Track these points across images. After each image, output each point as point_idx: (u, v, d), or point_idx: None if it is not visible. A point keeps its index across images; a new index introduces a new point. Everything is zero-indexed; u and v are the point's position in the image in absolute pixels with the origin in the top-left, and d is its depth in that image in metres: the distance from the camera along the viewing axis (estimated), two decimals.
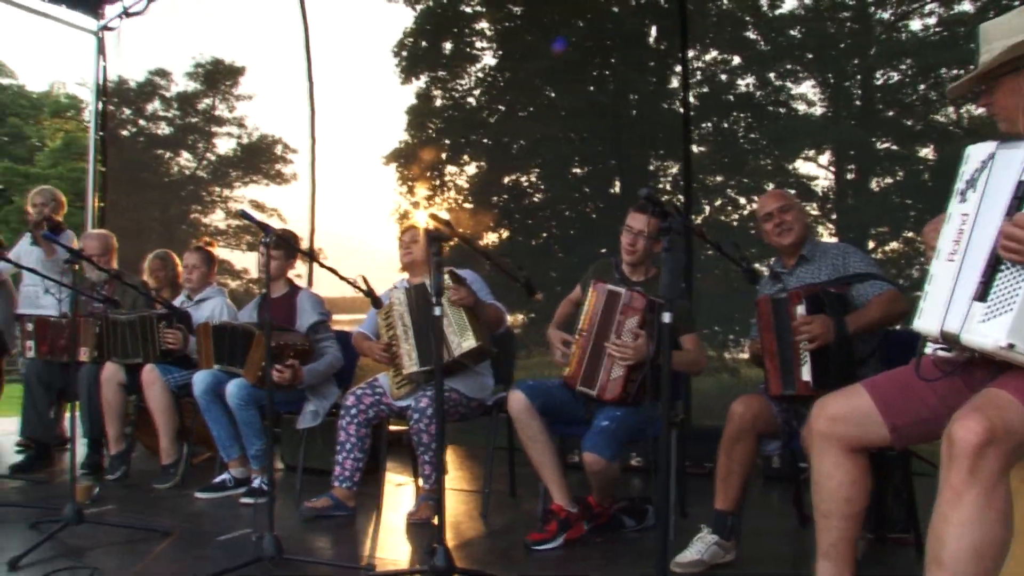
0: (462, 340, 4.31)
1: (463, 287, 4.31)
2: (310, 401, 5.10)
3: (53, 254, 6.04)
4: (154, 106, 12.25)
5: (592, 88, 8.82)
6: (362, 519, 4.59)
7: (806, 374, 3.52)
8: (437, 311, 3.33)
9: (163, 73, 12.21)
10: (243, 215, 3.83)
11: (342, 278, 4.19)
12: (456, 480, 5.75)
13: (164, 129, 12.78)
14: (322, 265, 4.11)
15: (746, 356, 7.43)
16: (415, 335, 4.52)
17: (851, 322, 3.57)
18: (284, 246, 5.07)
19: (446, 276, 4.30)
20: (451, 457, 6.50)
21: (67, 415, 6.00)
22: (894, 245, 7.23)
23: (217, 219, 13.40)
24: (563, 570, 3.72)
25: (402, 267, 5.01)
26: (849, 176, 7.82)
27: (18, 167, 27.70)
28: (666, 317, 2.71)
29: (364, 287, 4.32)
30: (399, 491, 5.36)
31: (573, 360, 4.12)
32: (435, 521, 3.61)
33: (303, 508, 4.57)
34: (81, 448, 5.69)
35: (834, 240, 6.34)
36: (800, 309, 3.56)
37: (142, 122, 12.01)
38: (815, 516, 2.84)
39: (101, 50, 9.15)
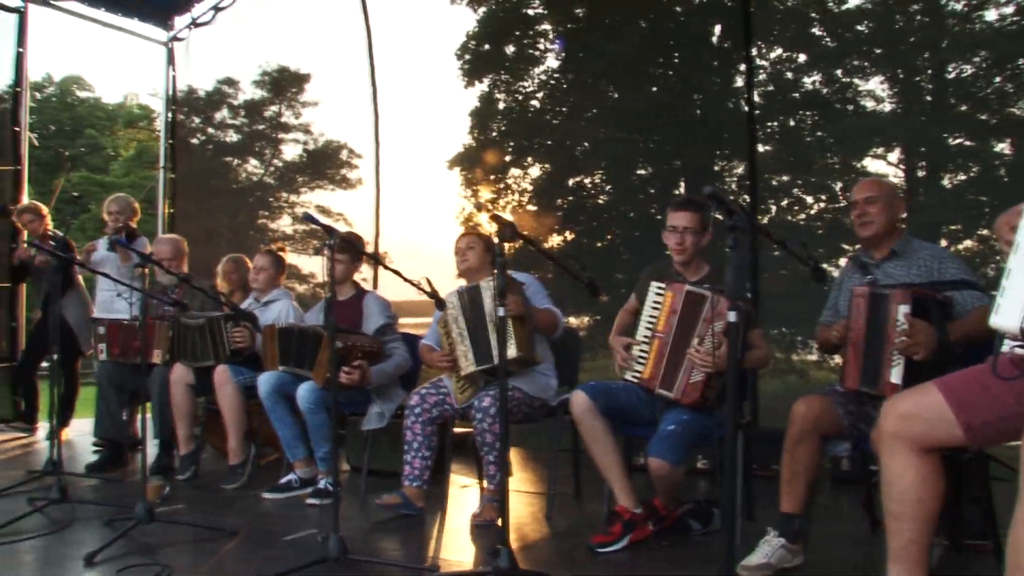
0: (508, 349, 4.29)
1: (512, 298, 4.29)
2: (375, 403, 5.12)
3: (128, 260, 6.19)
4: (222, 114, 12.48)
5: (655, 89, 8.75)
6: (427, 521, 4.60)
7: (896, 376, 3.38)
8: (501, 311, 3.33)
9: (231, 82, 12.41)
10: (307, 218, 3.84)
11: (406, 280, 4.21)
12: (520, 482, 5.73)
13: (232, 136, 13.01)
14: (386, 267, 4.14)
15: (814, 358, 7.33)
16: (470, 336, 4.54)
17: (952, 331, 3.41)
18: (349, 249, 5.10)
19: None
20: (515, 459, 6.49)
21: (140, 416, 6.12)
22: (968, 243, 7.03)
23: (284, 224, 13.55)
24: (629, 572, 3.68)
25: (459, 274, 5.01)
26: (920, 173, 7.64)
27: (94, 176, 28.44)
28: (731, 316, 2.67)
29: (428, 289, 4.33)
30: (464, 493, 5.36)
31: (649, 362, 4.05)
32: (499, 523, 3.60)
33: (374, 504, 4.60)
34: (153, 449, 5.81)
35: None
36: (903, 309, 3.40)
37: (211, 130, 12.23)
38: (885, 518, 2.77)
39: (171, 60, 9.36)
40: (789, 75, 7.92)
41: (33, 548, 4.06)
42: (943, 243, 6.87)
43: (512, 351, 4.29)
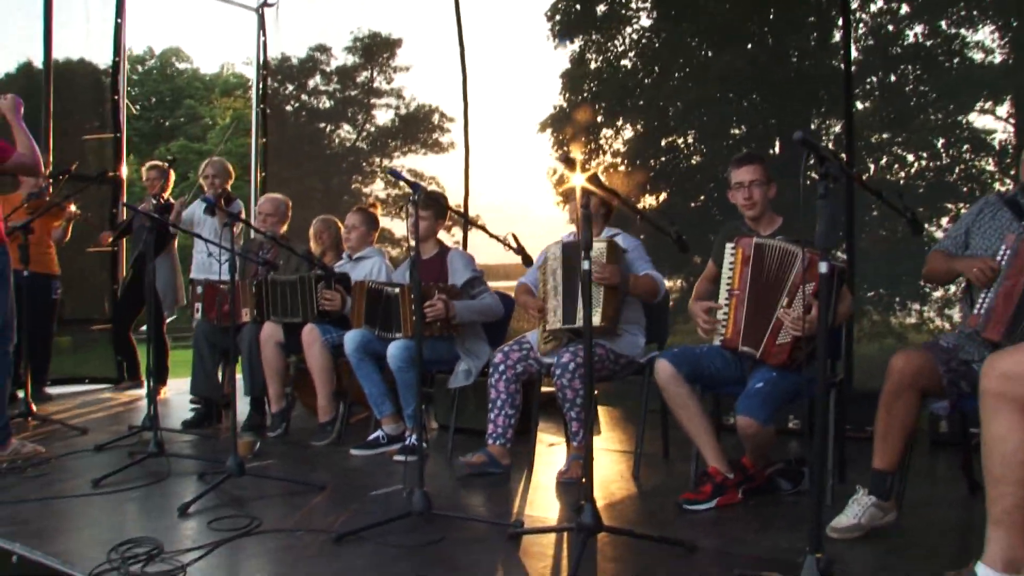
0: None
1: (609, 267, 4.24)
2: (463, 360, 5.12)
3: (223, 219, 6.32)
4: (315, 81, 12.55)
5: (750, 46, 8.52)
6: (513, 478, 4.60)
7: None
8: (585, 265, 3.28)
9: (323, 48, 12.49)
10: (391, 173, 3.85)
11: (492, 235, 4.20)
12: (609, 441, 5.70)
13: (325, 103, 13.08)
14: (471, 222, 4.12)
15: (913, 321, 7.10)
16: (563, 292, 4.47)
17: None
18: (432, 205, 5.09)
19: (604, 245, 4.24)
20: (604, 418, 6.47)
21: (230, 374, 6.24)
22: None
23: (377, 188, 13.64)
24: (715, 532, 3.61)
25: (570, 220, 4.93)
26: None
27: (192, 145, 29.15)
28: (823, 267, 2.58)
29: (514, 245, 4.30)
30: (551, 451, 5.36)
31: (730, 322, 3.98)
32: (584, 480, 3.57)
33: (458, 463, 4.61)
34: (245, 406, 5.94)
35: None
36: None
37: (304, 97, 12.34)
38: (986, 481, 2.63)
39: (261, 26, 9.47)
40: (890, 27, 7.61)
41: (133, 498, 4.20)
42: None
43: (596, 319, 4.24)
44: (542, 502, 4.20)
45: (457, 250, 5.36)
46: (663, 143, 9.84)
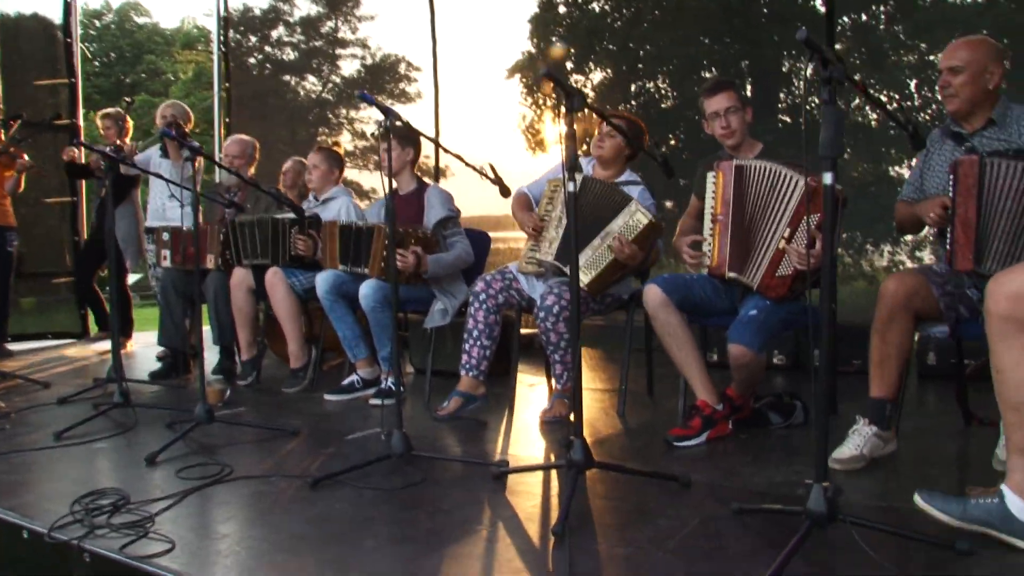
0: (583, 273, 4.04)
1: (633, 247, 3.99)
2: (439, 300, 4.94)
3: (179, 158, 6.07)
4: (279, 32, 12.29)
5: None
6: (494, 419, 4.46)
7: None
8: (571, 187, 3.08)
9: None
10: (362, 97, 3.62)
11: (468, 164, 4.02)
12: (591, 380, 5.58)
13: (289, 54, 12.83)
14: (447, 150, 3.94)
15: (884, 264, 6.99)
16: (565, 230, 4.16)
17: None
18: (398, 131, 4.86)
19: (645, 219, 4.00)
20: (585, 359, 6.35)
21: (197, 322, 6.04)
22: None
23: (344, 140, 13.44)
24: (707, 466, 3.50)
25: (594, 152, 4.60)
26: (1008, 63, 7.14)
27: (155, 99, 28.58)
28: (827, 178, 2.42)
29: (492, 175, 4.11)
30: (532, 392, 5.24)
31: (714, 249, 3.82)
32: (571, 417, 3.42)
33: (434, 415, 4.46)
34: (214, 355, 5.77)
35: None
36: None
37: (268, 49, 12.10)
38: (1002, 410, 2.47)
39: None
40: None
41: (98, 450, 4.03)
42: None
43: (584, 280, 4.05)
44: (525, 442, 4.07)
45: (436, 187, 5.13)
46: (633, 88, 9.68)
